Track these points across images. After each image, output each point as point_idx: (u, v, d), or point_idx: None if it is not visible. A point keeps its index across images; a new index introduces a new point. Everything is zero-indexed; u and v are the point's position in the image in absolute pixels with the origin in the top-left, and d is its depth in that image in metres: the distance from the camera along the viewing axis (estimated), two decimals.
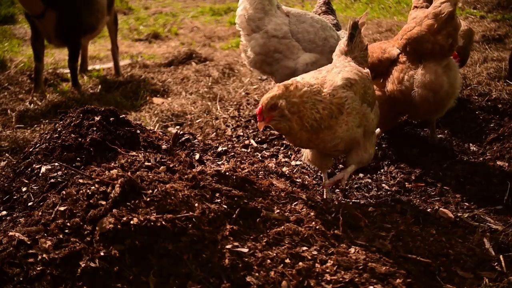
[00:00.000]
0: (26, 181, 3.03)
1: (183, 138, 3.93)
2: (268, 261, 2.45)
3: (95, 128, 3.27)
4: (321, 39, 4.49)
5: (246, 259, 2.43)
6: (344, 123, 2.98)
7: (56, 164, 3.05)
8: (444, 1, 3.58)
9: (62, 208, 2.51)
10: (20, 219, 2.72)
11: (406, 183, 3.70)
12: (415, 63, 3.69)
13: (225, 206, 2.68)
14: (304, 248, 2.56)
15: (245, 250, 2.47)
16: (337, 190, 3.69)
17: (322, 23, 4.61)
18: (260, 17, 4.47)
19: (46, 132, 3.54)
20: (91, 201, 2.54)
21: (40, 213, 2.58)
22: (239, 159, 3.82)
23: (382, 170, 3.92)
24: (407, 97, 3.67)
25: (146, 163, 2.94)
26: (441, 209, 3.33)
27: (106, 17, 6.94)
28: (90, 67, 7.83)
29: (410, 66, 3.70)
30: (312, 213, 2.85)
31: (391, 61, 3.80)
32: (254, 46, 4.48)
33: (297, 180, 3.56)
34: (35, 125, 5.40)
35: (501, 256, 2.81)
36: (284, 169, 3.79)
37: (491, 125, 4.34)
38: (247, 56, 4.62)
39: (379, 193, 3.59)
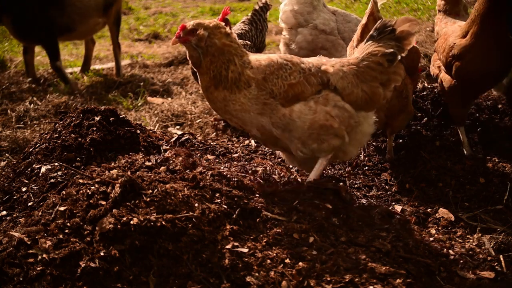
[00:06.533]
0: (26, 181, 3.03)
1: (183, 138, 3.93)
2: (268, 261, 2.45)
3: (95, 128, 3.27)
4: None
5: (246, 259, 2.43)
6: (238, 103, 2.93)
7: (56, 164, 3.05)
8: None
9: (62, 208, 2.51)
10: (20, 219, 2.72)
11: (406, 183, 3.70)
12: None
13: (225, 206, 2.68)
14: (304, 248, 2.56)
15: (245, 250, 2.47)
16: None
17: None
18: (309, 11, 4.55)
19: (46, 132, 3.54)
20: (91, 201, 2.54)
21: (40, 213, 2.59)
22: (239, 159, 3.82)
23: (382, 171, 3.92)
24: None
25: (147, 163, 2.94)
26: (441, 209, 3.33)
27: (95, 18, 6.92)
28: (90, 67, 7.83)
29: None
30: (312, 213, 2.85)
31: None
32: (301, 41, 4.55)
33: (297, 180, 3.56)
34: (35, 125, 5.40)
35: (501, 256, 2.82)
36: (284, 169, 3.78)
37: (491, 125, 4.34)
38: (289, 50, 4.68)
39: (379, 193, 3.59)
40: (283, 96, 2.93)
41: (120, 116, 3.50)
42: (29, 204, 2.85)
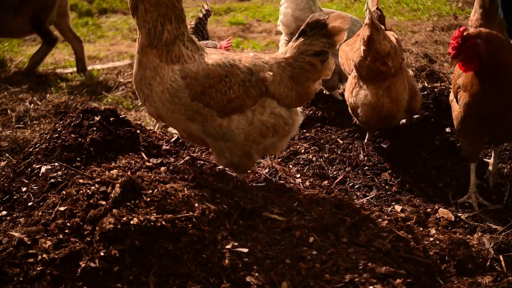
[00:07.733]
0: (26, 181, 3.03)
1: None
2: (268, 261, 2.45)
3: (95, 128, 3.27)
4: None
5: (246, 259, 2.43)
6: (160, 94, 2.76)
7: (56, 164, 3.05)
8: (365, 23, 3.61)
9: (62, 208, 2.52)
10: (20, 219, 2.72)
11: (406, 183, 3.70)
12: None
13: (225, 206, 2.68)
14: (304, 248, 2.56)
15: (245, 250, 2.47)
16: (335, 190, 3.69)
17: (361, 23, 4.70)
18: (308, 16, 4.55)
19: (46, 132, 3.54)
20: (91, 201, 2.54)
21: (40, 213, 2.59)
22: None
23: (382, 171, 3.92)
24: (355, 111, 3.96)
25: (147, 163, 2.94)
26: (441, 209, 3.33)
27: (13, 18, 6.89)
28: (90, 67, 7.82)
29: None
30: (311, 213, 2.85)
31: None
32: None
33: (296, 180, 3.56)
34: (35, 125, 5.40)
35: (501, 256, 2.82)
36: (284, 169, 3.79)
37: None
38: None
39: (379, 193, 3.59)
40: (221, 109, 2.83)
41: (120, 116, 3.50)
42: (29, 204, 2.85)
